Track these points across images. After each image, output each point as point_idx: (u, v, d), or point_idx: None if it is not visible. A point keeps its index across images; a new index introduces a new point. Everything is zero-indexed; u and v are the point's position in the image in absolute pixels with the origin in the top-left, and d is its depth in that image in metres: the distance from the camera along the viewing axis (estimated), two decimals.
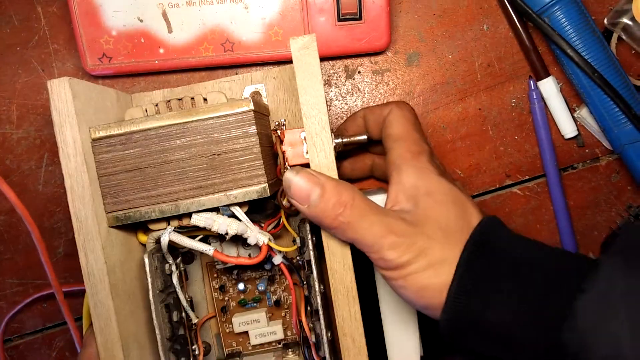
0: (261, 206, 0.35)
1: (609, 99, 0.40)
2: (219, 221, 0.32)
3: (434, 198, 0.30)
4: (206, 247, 0.33)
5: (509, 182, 0.44)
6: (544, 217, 0.44)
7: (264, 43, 0.40)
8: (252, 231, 0.32)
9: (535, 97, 0.42)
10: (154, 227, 0.33)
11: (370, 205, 0.29)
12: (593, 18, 0.40)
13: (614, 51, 0.41)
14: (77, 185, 0.30)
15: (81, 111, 0.30)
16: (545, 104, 0.43)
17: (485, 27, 0.43)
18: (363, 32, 0.40)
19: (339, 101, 0.43)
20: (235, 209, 0.32)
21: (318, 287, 0.32)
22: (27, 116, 0.43)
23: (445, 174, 0.33)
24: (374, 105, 0.37)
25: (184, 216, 0.32)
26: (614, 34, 0.41)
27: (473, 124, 0.43)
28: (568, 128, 0.43)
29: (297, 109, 0.37)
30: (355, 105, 0.43)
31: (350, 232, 0.28)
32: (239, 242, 0.37)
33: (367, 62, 0.43)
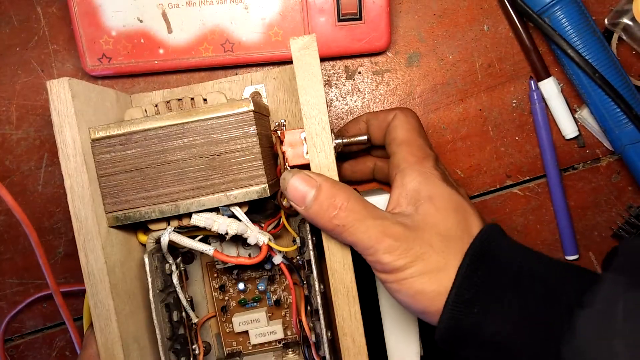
0: (261, 206, 0.35)
1: (610, 99, 0.39)
2: (219, 221, 0.32)
3: (435, 204, 0.29)
4: (206, 247, 0.33)
5: (509, 182, 0.44)
6: (544, 217, 0.44)
7: (264, 43, 0.40)
8: (252, 231, 0.32)
9: (536, 97, 0.42)
10: (154, 227, 0.33)
11: (367, 208, 0.29)
12: (593, 18, 0.40)
13: (615, 51, 0.41)
14: (77, 186, 0.30)
15: (81, 112, 0.30)
16: (546, 104, 0.43)
17: (485, 27, 0.43)
18: (363, 32, 0.40)
19: (339, 102, 0.43)
20: (235, 209, 0.32)
21: (318, 287, 0.32)
22: (27, 117, 0.43)
23: (449, 180, 0.32)
24: (377, 110, 0.37)
25: (183, 216, 0.32)
26: (615, 34, 0.41)
27: (474, 125, 0.43)
28: (569, 128, 0.43)
29: (297, 109, 0.37)
30: (356, 106, 0.43)
31: (346, 235, 0.28)
32: (239, 242, 0.37)
33: (367, 63, 0.43)
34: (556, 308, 0.26)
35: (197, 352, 0.36)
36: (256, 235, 0.32)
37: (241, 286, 0.38)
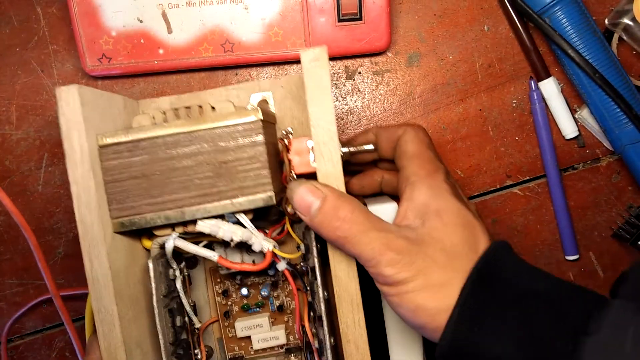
0: (265, 213, 0.35)
1: (610, 99, 0.39)
2: (224, 228, 0.31)
3: (442, 219, 0.29)
4: (211, 254, 0.33)
5: (509, 182, 0.44)
6: (544, 217, 0.44)
7: (263, 44, 0.40)
8: (257, 238, 0.32)
9: (536, 97, 0.42)
10: (159, 232, 0.33)
11: (371, 220, 0.28)
12: (594, 18, 0.40)
13: (615, 52, 0.41)
14: (83, 192, 0.29)
15: (89, 118, 0.30)
16: (546, 104, 0.43)
17: (485, 27, 0.43)
18: (363, 32, 0.40)
19: (339, 102, 0.43)
20: (240, 216, 0.32)
21: (322, 294, 0.32)
22: (27, 117, 0.43)
23: (459, 194, 0.32)
24: (386, 124, 0.37)
25: (189, 223, 0.32)
26: (615, 34, 0.41)
27: (474, 125, 0.43)
28: (569, 128, 0.43)
29: (304, 117, 0.37)
30: (356, 106, 0.43)
31: (349, 246, 0.28)
32: (243, 248, 0.36)
33: (367, 63, 0.43)
34: (562, 332, 0.26)
35: (199, 356, 0.36)
36: (261, 242, 0.32)
37: (244, 291, 0.38)
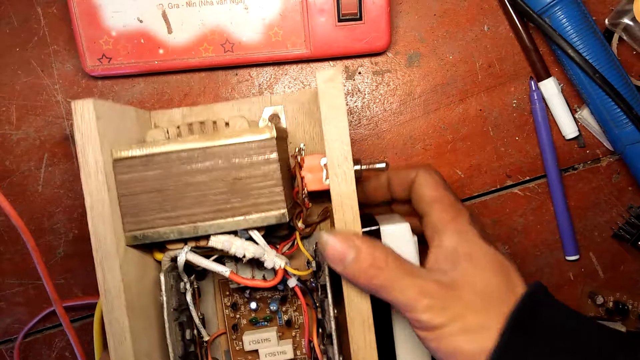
0: (277, 228, 0.35)
1: (610, 99, 0.39)
2: (237, 244, 0.32)
3: (474, 263, 0.29)
4: (222, 269, 0.33)
5: (509, 182, 0.44)
6: (544, 217, 0.44)
7: (264, 44, 0.40)
8: (270, 255, 0.33)
9: (536, 97, 0.42)
10: (171, 246, 0.33)
11: (405, 267, 0.29)
12: (594, 18, 0.40)
13: (615, 52, 0.41)
14: (97, 204, 0.29)
15: (103, 132, 0.30)
16: (546, 104, 0.43)
17: (486, 27, 0.43)
18: (363, 32, 0.40)
19: None
20: (253, 233, 0.32)
21: (332, 312, 0.32)
22: (27, 117, 0.43)
23: (487, 235, 0.32)
24: (398, 167, 0.37)
25: (201, 238, 0.33)
26: (615, 34, 0.41)
27: (474, 125, 0.43)
28: (569, 129, 0.43)
29: (316, 132, 0.37)
30: (356, 106, 0.43)
31: (384, 294, 0.28)
32: (253, 263, 0.37)
33: (367, 63, 0.43)
34: None
35: None
36: (273, 259, 0.33)
37: (253, 305, 0.38)
